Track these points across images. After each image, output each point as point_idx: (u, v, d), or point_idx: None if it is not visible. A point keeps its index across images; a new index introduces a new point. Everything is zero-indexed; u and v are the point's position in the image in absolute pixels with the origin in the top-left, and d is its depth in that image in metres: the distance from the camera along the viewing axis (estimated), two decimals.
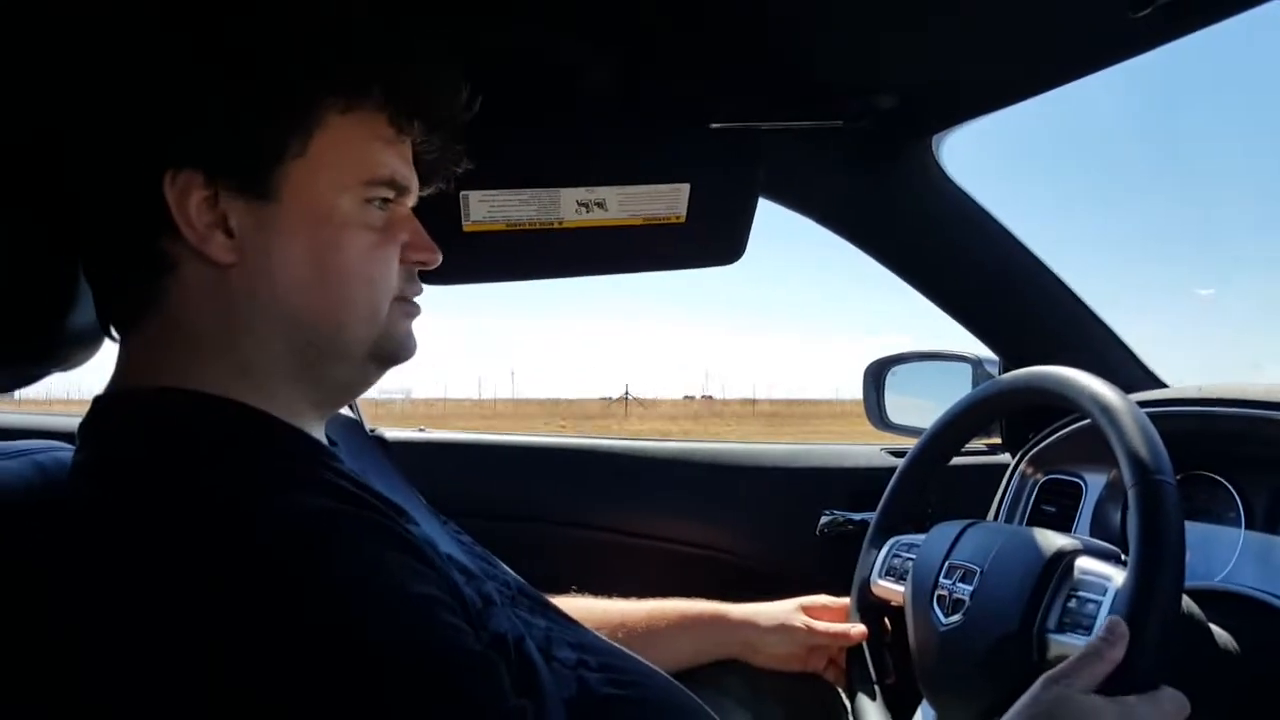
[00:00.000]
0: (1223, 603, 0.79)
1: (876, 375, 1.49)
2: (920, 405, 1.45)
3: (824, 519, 1.30)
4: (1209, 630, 0.74)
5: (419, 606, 0.50)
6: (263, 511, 0.50)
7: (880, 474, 1.22)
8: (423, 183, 0.67)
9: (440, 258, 0.66)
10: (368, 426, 1.23)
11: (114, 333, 0.63)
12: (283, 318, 0.59)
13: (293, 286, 0.59)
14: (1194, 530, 0.88)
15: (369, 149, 0.61)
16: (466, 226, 1.05)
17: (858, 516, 1.28)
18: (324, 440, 0.64)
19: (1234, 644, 0.74)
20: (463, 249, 1.05)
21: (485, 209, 1.04)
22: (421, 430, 1.40)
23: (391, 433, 1.35)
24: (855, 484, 1.35)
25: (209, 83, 0.57)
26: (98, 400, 0.60)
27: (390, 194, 0.62)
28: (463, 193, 1.02)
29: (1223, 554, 0.88)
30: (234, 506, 0.50)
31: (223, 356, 0.59)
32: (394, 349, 0.64)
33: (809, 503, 1.33)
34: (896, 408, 1.47)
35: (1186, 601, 0.71)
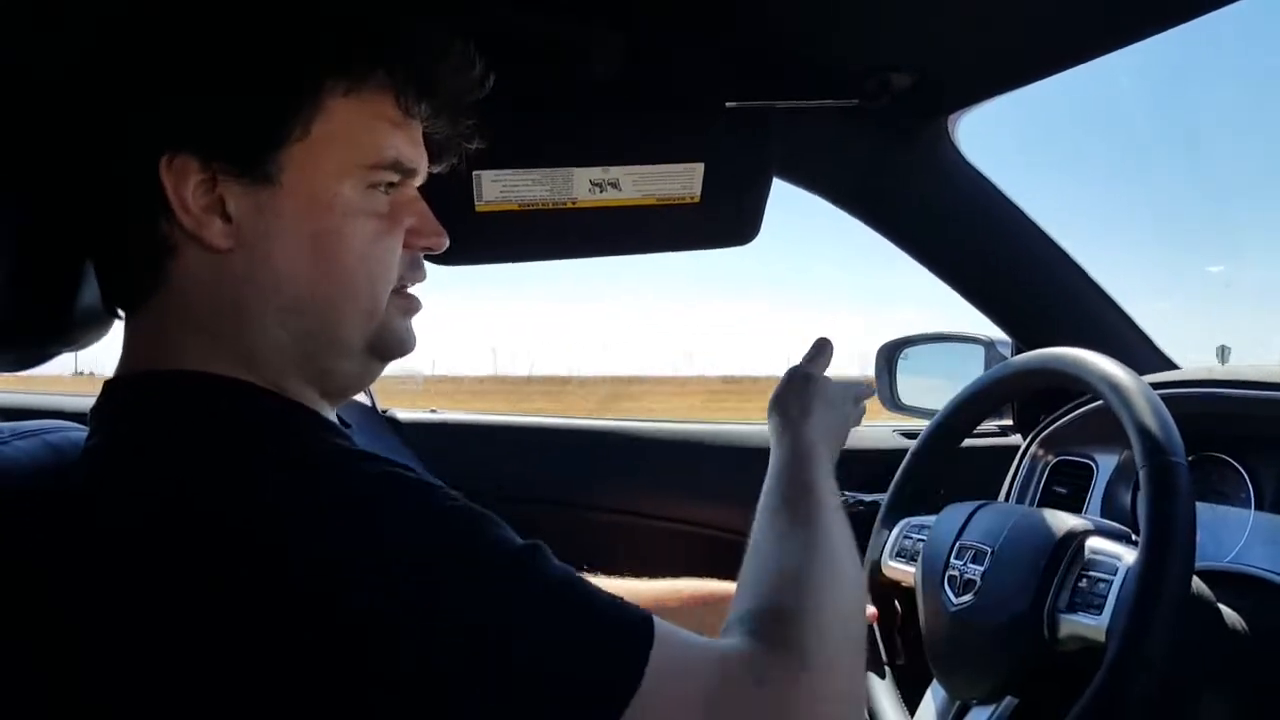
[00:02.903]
0: (1232, 583, 0.79)
1: (889, 357, 1.49)
2: (933, 386, 1.45)
3: None
4: (1218, 610, 0.74)
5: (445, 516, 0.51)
6: (274, 491, 0.49)
7: (892, 455, 1.22)
8: (432, 161, 0.65)
9: (447, 241, 0.64)
10: (380, 408, 1.24)
11: (119, 313, 0.62)
12: (282, 306, 0.58)
13: (292, 274, 0.57)
14: (1204, 511, 0.88)
15: (374, 131, 0.59)
16: (479, 207, 1.05)
17: (869, 498, 1.29)
18: (336, 422, 0.64)
19: (1243, 624, 0.75)
20: (475, 230, 1.05)
21: (498, 189, 1.04)
22: (434, 411, 1.41)
23: (404, 414, 1.35)
24: (867, 465, 1.35)
25: (204, 65, 0.56)
26: (109, 384, 0.59)
27: (396, 178, 0.61)
28: (475, 173, 1.02)
29: (1232, 535, 0.89)
30: (245, 487, 0.49)
31: (226, 342, 0.58)
32: (392, 343, 0.63)
33: None
34: (909, 389, 1.47)
35: (1196, 582, 0.72)
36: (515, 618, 0.48)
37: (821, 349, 0.89)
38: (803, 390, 0.83)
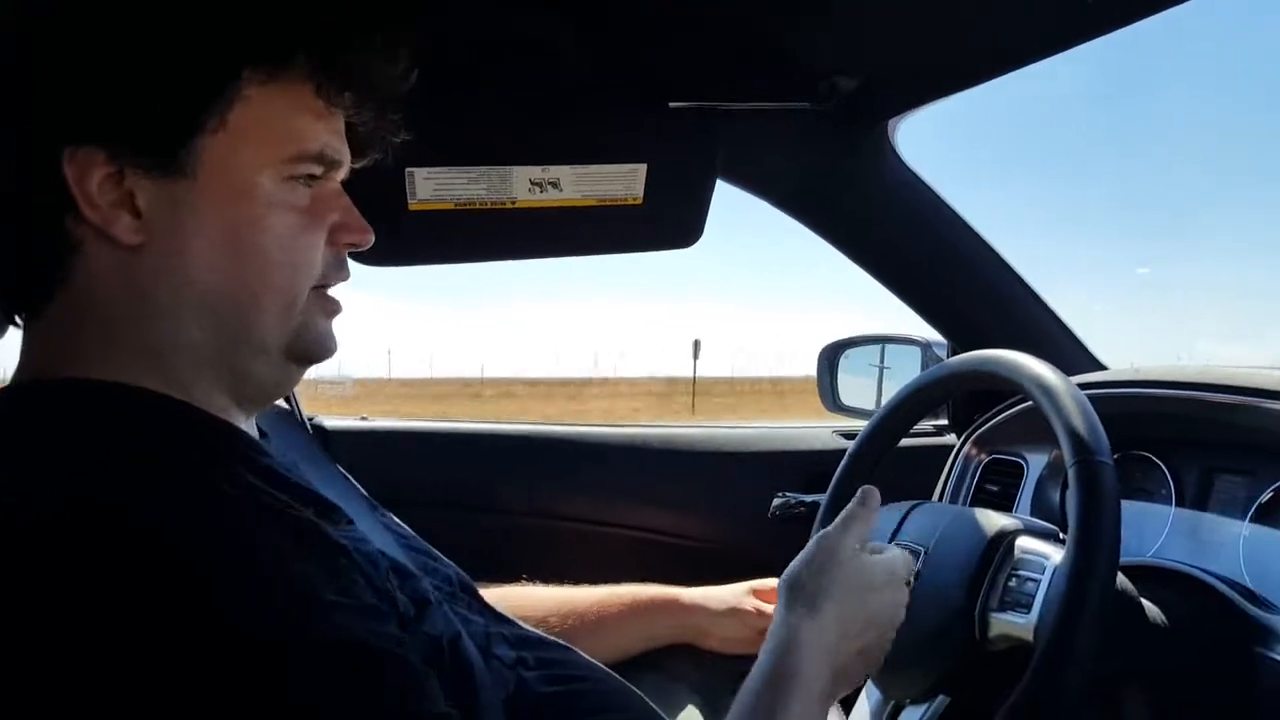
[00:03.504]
0: (1153, 578, 0.81)
1: (830, 358, 1.51)
2: (872, 388, 1.47)
3: (776, 501, 1.32)
4: (1140, 605, 0.76)
5: (329, 612, 0.47)
6: (161, 512, 0.47)
7: (832, 456, 1.23)
8: (356, 155, 0.63)
9: (372, 238, 0.62)
10: (306, 415, 1.20)
11: (18, 320, 0.59)
12: (195, 303, 0.55)
13: (206, 270, 0.55)
14: (1128, 508, 0.90)
15: (294, 122, 0.57)
16: (412, 205, 1.02)
17: (809, 498, 1.30)
18: (251, 432, 0.61)
19: (1163, 617, 0.77)
20: (408, 229, 1.03)
21: (432, 187, 1.02)
22: (364, 419, 1.38)
23: (332, 422, 1.32)
24: (807, 466, 1.37)
25: (113, 55, 0.53)
26: (2, 392, 0.56)
27: (318, 170, 0.58)
28: (408, 169, 1.00)
29: (1154, 531, 0.91)
30: (128, 507, 0.46)
31: (133, 343, 0.55)
32: (310, 345, 0.60)
33: (762, 485, 1.34)
34: (849, 390, 1.49)
35: (1120, 577, 0.73)
36: None
37: (865, 505, 0.73)
38: (824, 569, 0.68)
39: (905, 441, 1.03)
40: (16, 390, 0.56)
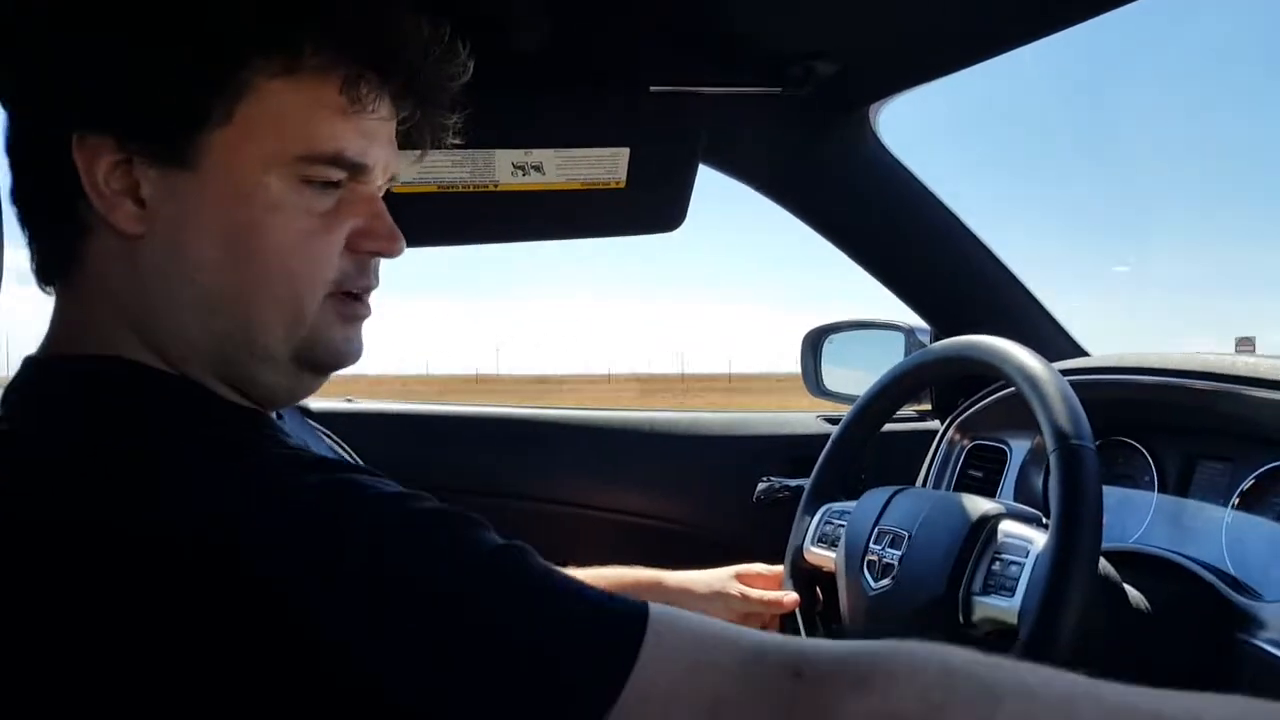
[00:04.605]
0: (1136, 564, 0.82)
1: (814, 343, 1.50)
2: (855, 373, 1.47)
3: (761, 485, 1.32)
4: (1123, 590, 0.76)
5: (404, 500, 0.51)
6: (189, 487, 0.46)
7: (816, 440, 1.23)
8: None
9: (402, 247, 0.59)
10: None
11: (47, 289, 0.59)
12: (195, 302, 0.54)
13: (203, 268, 0.53)
14: (1111, 494, 0.91)
15: (311, 120, 0.54)
16: (394, 188, 1.01)
17: (794, 483, 1.30)
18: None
19: (1145, 603, 0.77)
20: (390, 212, 1.02)
21: (414, 169, 1.00)
22: (349, 400, 1.37)
23: (316, 403, 1.31)
24: (792, 451, 1.37)
25: (117, 38, 0.52)
26: (27, 361, 0.56)
27: (339, 174, 0.55)
28: None
29: (1137, 517, 0.92)
30: (156, 478, 0.46)
31: (138, 334, 0.55)
32: (323, 354, 0.57)
33: (747, 470, 1.34)
34: (833, 375, 1.49)
35: (1102, 563, 0.73)
36: (495, 619, 0.46)
37: None
38: None
39: (889, 427, 1.03)
40: (38, 363, 0.56)
